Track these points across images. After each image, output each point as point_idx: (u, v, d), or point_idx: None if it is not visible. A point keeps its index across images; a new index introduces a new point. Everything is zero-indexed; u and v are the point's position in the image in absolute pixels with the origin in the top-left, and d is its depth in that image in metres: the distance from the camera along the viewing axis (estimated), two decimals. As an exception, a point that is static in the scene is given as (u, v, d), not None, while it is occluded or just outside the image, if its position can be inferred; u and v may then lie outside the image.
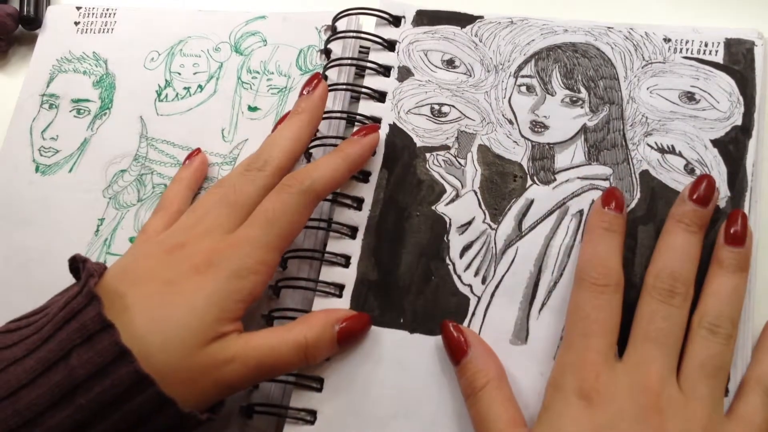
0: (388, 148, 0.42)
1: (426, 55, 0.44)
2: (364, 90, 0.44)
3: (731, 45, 0.40)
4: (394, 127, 0.42)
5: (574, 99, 0.41)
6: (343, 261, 0.40)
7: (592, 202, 0.38)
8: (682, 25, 0.41)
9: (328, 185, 0.38)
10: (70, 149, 0.49)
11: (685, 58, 0.40)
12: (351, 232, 0.41)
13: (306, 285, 0.40)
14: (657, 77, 0.40)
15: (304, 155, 0.43)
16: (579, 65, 0.41)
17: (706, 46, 0.40)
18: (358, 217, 0.41)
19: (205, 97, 0.48)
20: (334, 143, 0.42)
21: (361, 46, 0.46)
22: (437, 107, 0.42)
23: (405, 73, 0.44)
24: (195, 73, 0.49)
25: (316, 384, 0.38)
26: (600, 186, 0.38)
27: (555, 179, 0.39)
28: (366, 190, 0.41)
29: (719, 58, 0.40)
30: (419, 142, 0.42)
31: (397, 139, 0.42)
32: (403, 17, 0.45)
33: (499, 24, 0.43)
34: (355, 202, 0.41)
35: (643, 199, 0.38)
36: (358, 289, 0.39)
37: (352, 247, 0.40)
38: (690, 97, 0.39)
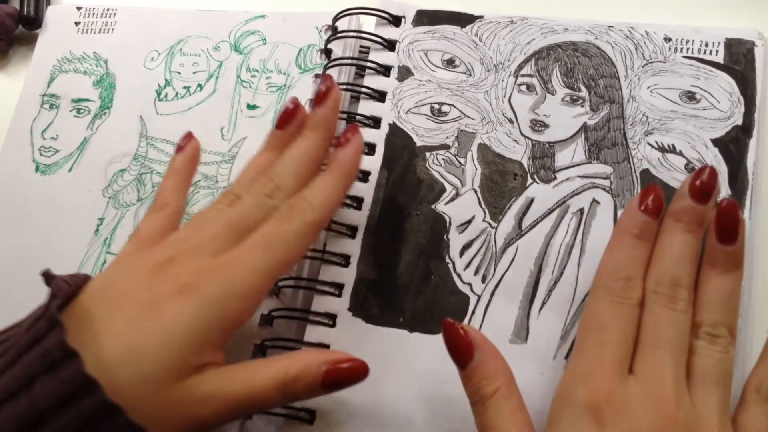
0: (387, 148, 0.42)
1: (426, 54, 0.44)
2: (364, 90, 0.44)
3: (732, 45, 0.40)
4: (394, 126, 0.42)
5: (575, 98, 0.41)
6: (343, 260, 0.40)
7: (593, 201, 0.38)
8: (683, 25, 0.41)
9: (329, 214, 0.36)
10: (70, 149, 0.49)
11: (686, 57, 0.40)
12: (350, 231, 0.41)
13: (306, 285, 0.40)
14: (657, 76, 0.40)
15: None
16: (579, 64, 0.41)
17: (707, 45, 0.40)
18: (358, 217, 0.41)
19: (204, 96, 0.48)
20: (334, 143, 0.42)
21: (361, 46, 0.46)
22: (437, 106, 0.42)
23: (405, 73, 0.44)
24: (195, 73, 0.49)
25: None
26: (600, 185, 0.38)
27: (555, 178, 0.39)
28: (366, 190, 0.41)
29: (720, 58, 0.40)
30: (419, 142, 0.42)
31: (397, 138, 0.42)
32: (403, 17, 0.45)
33: (499, 23, 0.43)
34: (355, 202, 0.41)
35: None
36: (357, 288, 0.39)
37: (352, 247, 0.40)
38: (690, 96, 0.39)
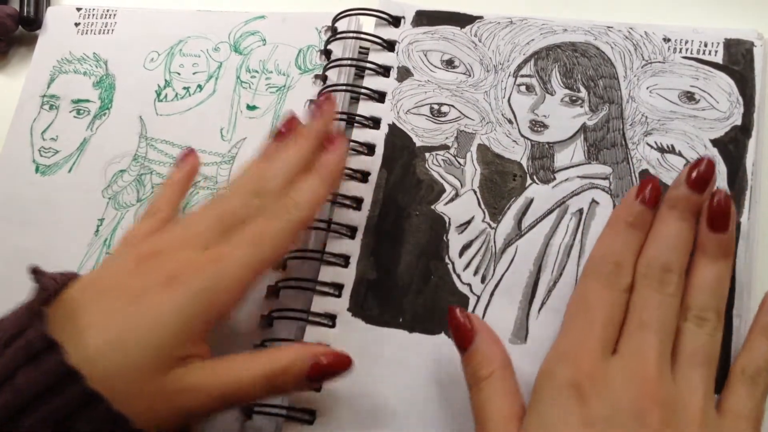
0: (387, 148, 0.42)
1: (425, 55, 0.44)
2: (363, 90, 0.44)
3: (731, 45, 0.40)
4: (393, 127, 0.42)
5: (574, 98, 0.41)
6: (343, 261, 0.40)
7: (592, 201, 0.38)
8: (682, 25, 0.41)
9: (313, 212, 0.37)
10: (70, 149, 0.49)
11: (685, 58, 0.40)
12: (350, 232, 0.41)
13: (305, 285, 0.40)
14: (657, 77, 0.40)
15: None
16: (578, 64, 0.41)
17: (706, 46, 0.40)
18: (358, 217, 0.41)
19: (204, 97, 0.48)
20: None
21: (360, 47, 0.46)
22: (437, 107, 0.42)
23: (404, 74, 0.44)
24: (194, 73, 0.49)
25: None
26: (599, 185, 0.38)
27: (554, 178, 0.39)
28: (365, 190, 0.41)
29: (719, 59, 0.40)
30: (419, 142, 0.42)
31: (397, 139, 0.42)
32: (403, 18, 0.45)
33: (499, 24, 0.43)
34: (355, 202, 0.41)
35: (643, 199, 0.38)
36: (357, 288, 0.39)
37: (352, 247, 0.40)
38: (690, 96, 0.39)
